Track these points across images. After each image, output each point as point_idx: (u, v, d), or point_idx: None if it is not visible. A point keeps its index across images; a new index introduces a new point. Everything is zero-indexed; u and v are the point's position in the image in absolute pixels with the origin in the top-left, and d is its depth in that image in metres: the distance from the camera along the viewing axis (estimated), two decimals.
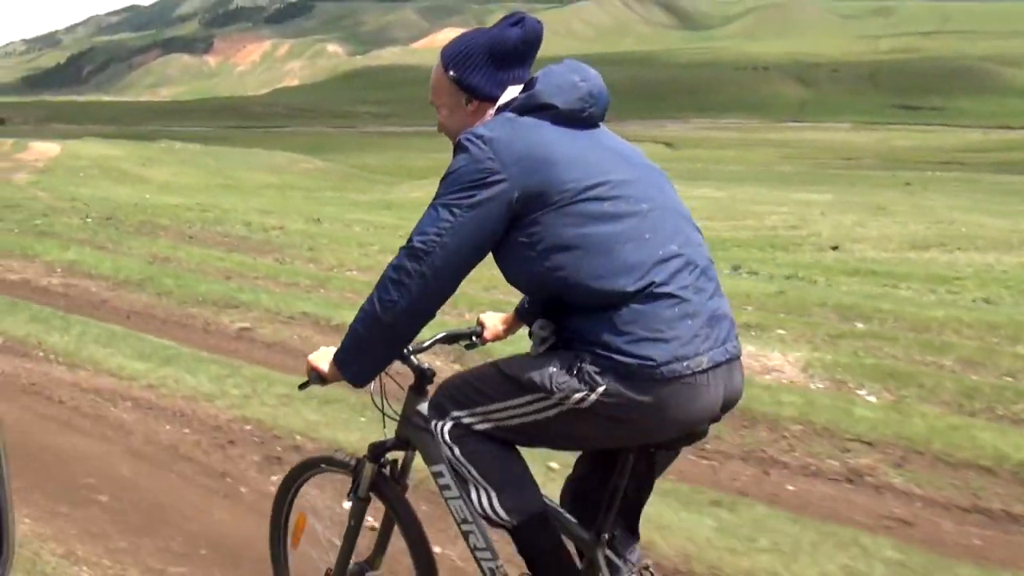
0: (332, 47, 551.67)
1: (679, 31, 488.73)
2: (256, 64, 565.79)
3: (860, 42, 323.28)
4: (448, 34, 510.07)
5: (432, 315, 2.03)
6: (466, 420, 2.08)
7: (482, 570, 2.20)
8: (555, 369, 1.94)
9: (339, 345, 2.13)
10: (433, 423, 2.13)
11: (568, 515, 2.16)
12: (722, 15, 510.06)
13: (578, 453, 2.30)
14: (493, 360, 2.16)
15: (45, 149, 49.28)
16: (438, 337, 2.43)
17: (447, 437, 2.09)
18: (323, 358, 2.19)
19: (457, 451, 2.08)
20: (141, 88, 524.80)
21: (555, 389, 1.92)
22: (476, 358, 5.05)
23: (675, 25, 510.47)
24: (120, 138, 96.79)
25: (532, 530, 2.07)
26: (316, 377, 2.23)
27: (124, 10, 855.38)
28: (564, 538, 2.13)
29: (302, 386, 2.36)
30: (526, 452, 2.17)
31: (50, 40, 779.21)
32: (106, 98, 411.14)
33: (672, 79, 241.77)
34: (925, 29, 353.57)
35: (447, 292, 2.01)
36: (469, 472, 2.08)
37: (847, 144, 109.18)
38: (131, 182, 32.87)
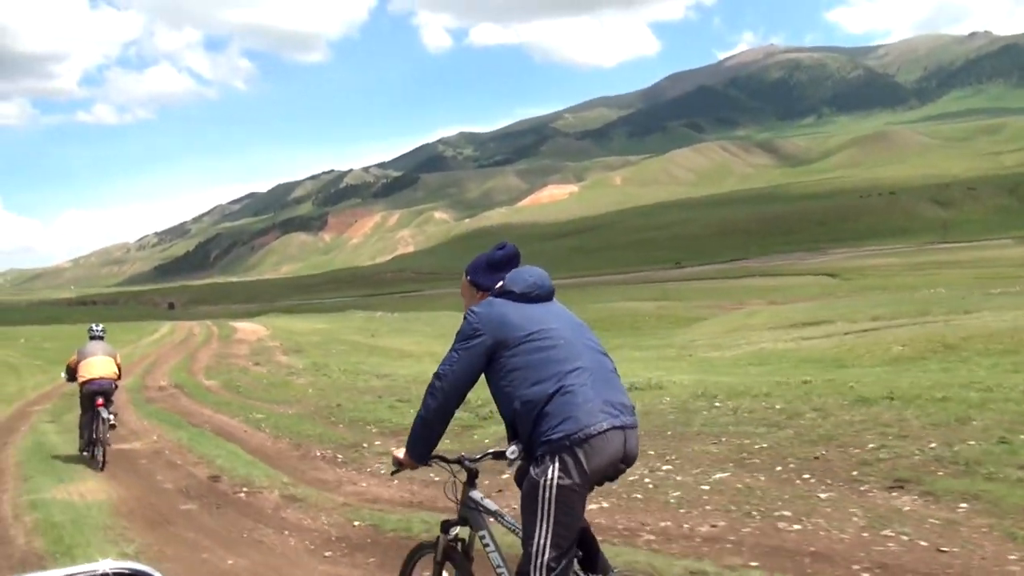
0: (439, 214, 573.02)
1: (779, 168, 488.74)
2: (368, 235, 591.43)
3: (979, 159, 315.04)
4: (550, 191, 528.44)
5: (451, 414, 3.36)
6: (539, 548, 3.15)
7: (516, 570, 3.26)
8: (533, 476, 3.10)
9: (408, 439, 3.46)
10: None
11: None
12: (820, 150, 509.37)
13: None
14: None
15: (252, 330, 48.26)
16: (488, 452, 3.65)
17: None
18: (399, 451, 3.53)
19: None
20: (264, 267, 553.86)
21: (541, 486, 3.07)
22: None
23: (774, 164, 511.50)
24: (269, 312, 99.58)
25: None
26: (396, 463, 3.55)
27: (245, 197, 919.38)
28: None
29: (393, 473, 3.72)
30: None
31: (180, 231, 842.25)
32: (233, 279, 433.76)
33: (798, 212, 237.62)
34: None
35: (458, 400, 3.33)
36: (542, 541, 3.14)
37: None
38: (381, 354, 29.94)
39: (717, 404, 10.00)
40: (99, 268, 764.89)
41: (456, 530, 3.64)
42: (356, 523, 6.70)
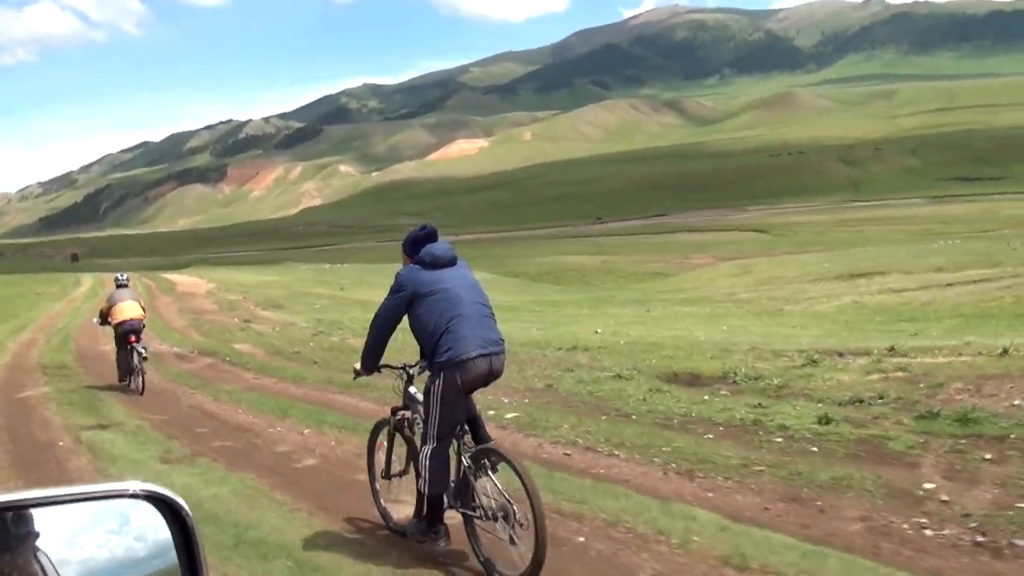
0: (344, 167, 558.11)
1: (687, 128, 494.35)
2: (270, 188, 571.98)
3: (878, 121, 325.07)
4: (460, 145, 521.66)
5: (386, 340, 5.04)
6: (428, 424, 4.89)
7: (420, 440, 5.03)
8: (428, 384, 4.79)
9: (361, 357, 5.19)
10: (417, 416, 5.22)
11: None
12: (725, 110, 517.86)
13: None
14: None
15: (191, 282, 43.82)
16: (411, 364, 5.26)
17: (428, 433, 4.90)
18: (357, 363, 5.26)
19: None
20: (159, 220, 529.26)
21: (432, 388, 4.74)
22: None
23: (682, 123, 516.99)
24: (180, 267, 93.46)
25: (443, 442, 4.83)
26: (356, 372, 5.30)
27: (137, 146, 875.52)
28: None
29: (355, 378, 5.51)
30: None
31: (66, 181, 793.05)
32: (127, 231, 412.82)
33: (711, 170, 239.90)
34: (932, 107, 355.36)
35: (390, 331, 5.02)
36: (432, 424, 4.83)
37: (954, 216, 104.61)
38: (369, 309, 26.76)
39: None
40: None
41: (401, 413, 5.39)
42: None
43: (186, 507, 1.34)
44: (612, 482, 6.17)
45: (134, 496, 1.35)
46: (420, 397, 5.04)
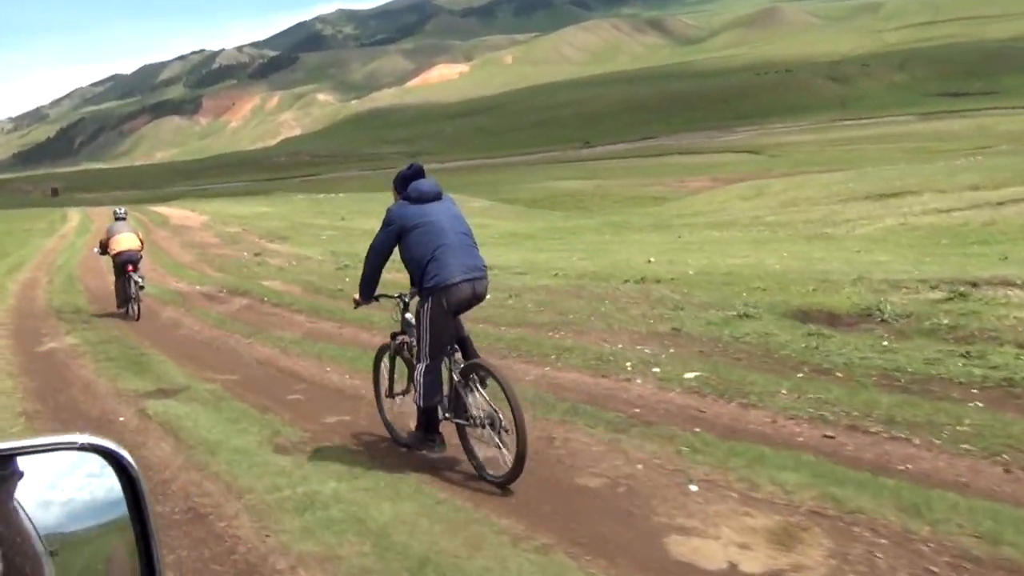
0: (323, 96, 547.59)
1: (670, 48, 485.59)
2: (247, 119, 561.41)
3: (864, 36, 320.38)
4: (440, 71, 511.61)
5: (380, 270, 5.49)
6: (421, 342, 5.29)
7: (415, 360, 5.42)
8: (418, 307, 5.23)
9: (359, 287, 5.61)
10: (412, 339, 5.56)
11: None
12: (708, 28, 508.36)
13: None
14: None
15: (183, 215, 42.44)
16: (411, 291, 5.47)
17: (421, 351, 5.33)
18: (356, 295, 5.70)
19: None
20: (136, 154, 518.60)
21: (421, 312, 5.17)
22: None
23: (665, 43, 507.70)
24: (153, 201, 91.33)
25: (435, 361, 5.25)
26: (355, 302, 5.72)
27: (107, 79, 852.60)
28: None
29: (355, 308, 5.91)
30: None
31: (37, 115, 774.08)
32: (103, 165, 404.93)
33: (698, 90, 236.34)
34: (918, 21, 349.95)
35: (383, 262, 5.41)
36: (424, 344, 5.23)
37: (950, 132, 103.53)
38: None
39: None
40: None
41: (400, 337, 5.78)
42: None
43: (131, 460, 1.36)
44: (943, 487, 4.42)
45: (82, 448, 1.37)
46: (414, 321, 5.45)
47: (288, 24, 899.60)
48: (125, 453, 1.38)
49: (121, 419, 7.01)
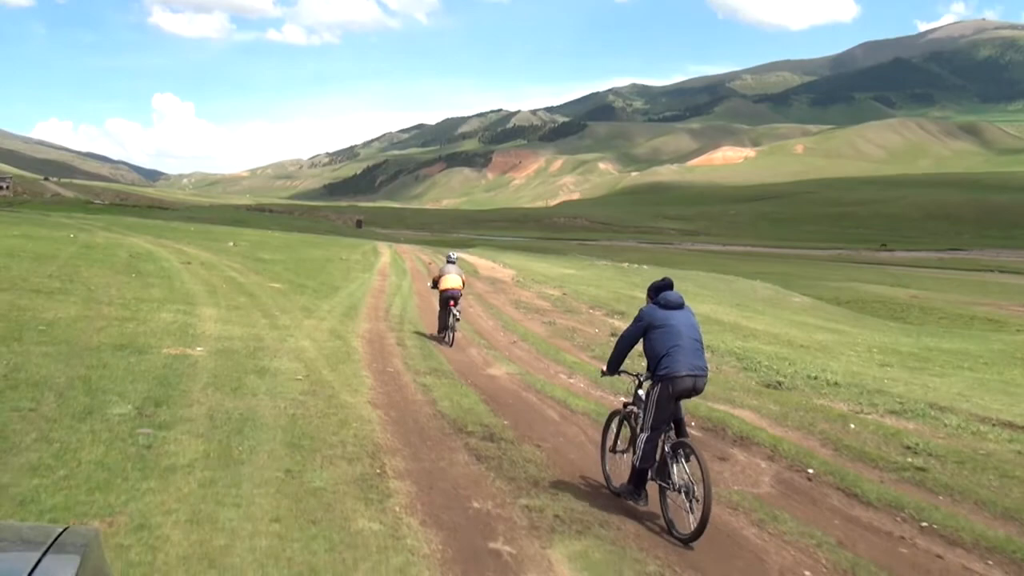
0: (603, 165, 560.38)
1: (983, 155, 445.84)
2: (531, 178, 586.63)
3: None
4: (724, 153, 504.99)
5: (625, 355, 6.95)
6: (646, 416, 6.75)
7: (639, 428, 6.81)
8: (649, 389, 6.67)
9: (607, 364, 7.11)
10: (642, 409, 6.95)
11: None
12: None
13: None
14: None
15: (489, 266, 41.40)
16: (645, 375, 6.76)
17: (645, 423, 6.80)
18: (603, 367, 7.32)
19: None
20: (427, 198, 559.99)
21: (651, 393, 6.59)
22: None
23: (977, 149, 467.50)
24: (441, 245, 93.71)
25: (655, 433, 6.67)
26: (602, 372, 7.22)
27: (413, 127, 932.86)
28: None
29: (601, 376, 7.50)
30: None
31: (349, 153, 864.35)
32: (397, 205, 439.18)
33: (1020, 204, 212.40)
34: None
35: (629, 349, 6.88)
36: (648, 418, 6.61)
37: None
38: (748, 336, 22.01)
39: None
40: (272, 180, 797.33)
41: (629, 407, 7.05)
42: None
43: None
44: None
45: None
46: (643, 397, 6.74)
47: (582, 93, 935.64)
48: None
49: None
